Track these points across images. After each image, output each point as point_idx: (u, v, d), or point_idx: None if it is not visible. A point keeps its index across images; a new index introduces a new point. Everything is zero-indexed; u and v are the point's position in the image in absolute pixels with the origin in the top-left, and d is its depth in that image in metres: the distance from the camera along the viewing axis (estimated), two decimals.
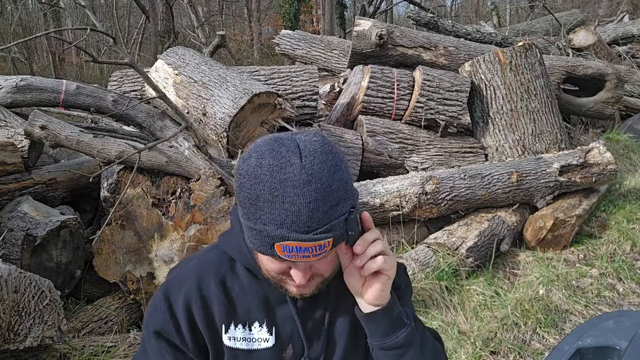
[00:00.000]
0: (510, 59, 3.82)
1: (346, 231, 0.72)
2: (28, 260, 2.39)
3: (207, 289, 0.83)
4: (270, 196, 0.68)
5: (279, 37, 5.52)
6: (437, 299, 2.47)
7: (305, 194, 0.67)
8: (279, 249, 0.69)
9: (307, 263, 0.74)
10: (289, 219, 0.68)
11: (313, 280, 0.78)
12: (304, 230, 0.68)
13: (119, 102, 3.28)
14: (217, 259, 0.86)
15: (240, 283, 0.84)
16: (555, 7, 10.39)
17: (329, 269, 0.79)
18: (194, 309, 0.81)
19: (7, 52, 10.01)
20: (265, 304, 0.83)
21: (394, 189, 3.02)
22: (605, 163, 3.29)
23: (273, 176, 0.68)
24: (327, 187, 0.69)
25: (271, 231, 0.69)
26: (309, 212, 0.68)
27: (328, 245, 0.70)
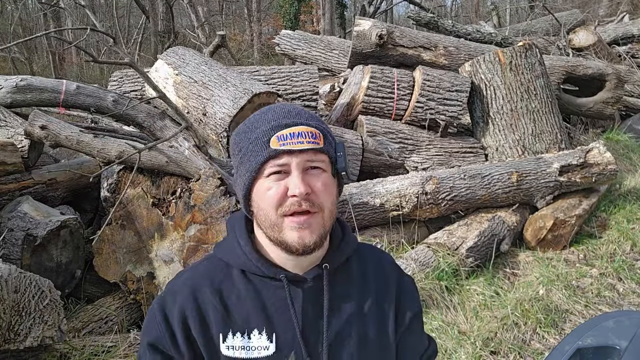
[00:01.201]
0: (511, 59, 3.82)
1: (335, 149, 0.81)
2: (28, 260, 2.39)
3: (203, 298, 0.82)
4: (262, 115, 0.81)
5: (279, 37, 5.52)
6: (437, 298, 2.47)
7: (291, 105, 0.82)
8: (275, 142, 0.76)
9: (303, 172, 0.77)
10: (281, 115, 0.79)
11: (315, 216, 0.77)
12: (296, 118, 0.79)
13: (119, 102, 3.28)
14: (211, 267, 0.86)
15: (237, 290, 0.82)
16: (555, 7, 10.38)
17: (327, 199, 0.79)
18: (189, 320, 0.80)
19: (7, 52, 10.01)
20: (264, 310, 0.81)
21: (394, 189, 3.02)
22: (605, 163, 3.29)
23: (262, 109, 0.81)
24: (312, 112, 0.82)
25: (266, 128, 0.78)
26: (297, 110, 0.81)
27: (319, 137, 0.78)
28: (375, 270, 0.90)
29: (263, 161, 0.77)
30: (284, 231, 0.77)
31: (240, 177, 0.81)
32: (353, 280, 0.87)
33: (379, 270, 0.90)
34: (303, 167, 0.77)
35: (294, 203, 0.76)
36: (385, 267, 0.92)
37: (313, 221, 0.77)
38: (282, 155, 0.76)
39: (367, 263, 0.90)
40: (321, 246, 0.81)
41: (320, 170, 0.79)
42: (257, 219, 0.81)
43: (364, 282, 0.87)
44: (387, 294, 0.88)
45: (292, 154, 0.76)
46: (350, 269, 0.88)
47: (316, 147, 0.77)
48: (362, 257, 0.90)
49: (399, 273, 0.93)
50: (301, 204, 0.76)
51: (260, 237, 0.83)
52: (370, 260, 0.91)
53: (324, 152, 0.79)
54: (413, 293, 0.93)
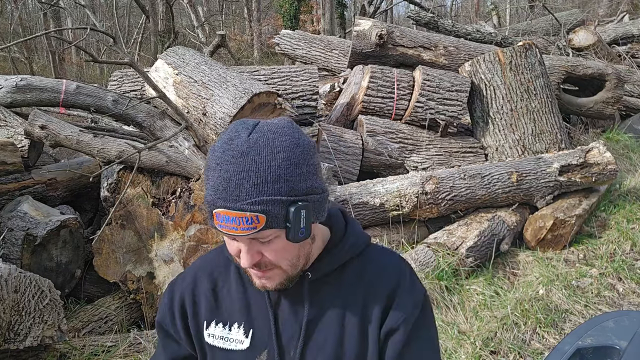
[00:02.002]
0: (510, 59, 3.82)
1: (285, 219, 0.69)
2: (28, 260, 2.39)
3: (200, 286, 0.87)
4: (214, 164, 0.70)
5: (279, 36, 5.52)
6: (437, 298, 2.47)
7: (239, 163, 0.68)
8: (215, 218, 0.70)
9: (255, 246, 0.71)
10: (221, 186, 0.68)
11: (271, 272, 0.75)
12: (233, 198, 0.68)
13: (119, 102, 3.28)
14: (215, 259, 0.90)
15: (229, 285, 0.86)
16: (555, 7, 10.38)
17: (283, 260, 0.74)
18: (186, 304, 0.86)
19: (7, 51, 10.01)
20: (248, 307, 0.84)
21: (394, 188, 3.02)
22: (605, 163, 3.29)
23: (221, 147, 0.70)
24: (265, 161, 0.68)
25: (209, 198, 0.70)
26: (238, 180, 0.68)
27: (257, 221, 0.68)
28: (370, 278, 0.82)
29: (213, 225, 0.72)
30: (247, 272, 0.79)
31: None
32: (342, 288, 0.81)
33: (374, 280, 0.82)
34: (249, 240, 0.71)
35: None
36: (384, 276, 0.82)
37: (272, 274, 0.76)
38: (220, 230, 0.72)
39: (365, 270, 0.82)
40: (291, 284, 0.78)
41: (270, 239, 0.72)
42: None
43: (354, 292, 0.81)
44: (375, 307, 0.79)
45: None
46: (343, 275, 0.82)
47: (250, 233, 0.68)
48: (363, 263, 0.83)
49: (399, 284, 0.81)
50: (253, 267, 0.74)
51: None
52: (371, 266, 0.83)
53: (266, 229, 0.69)
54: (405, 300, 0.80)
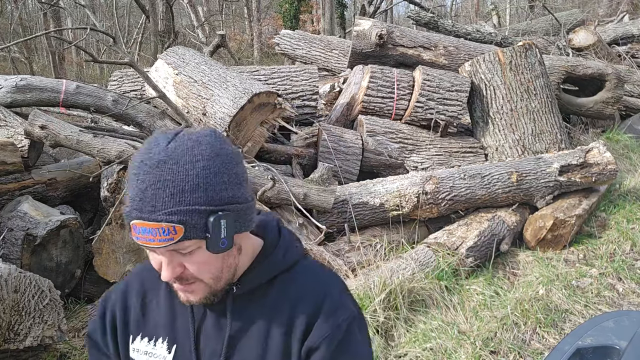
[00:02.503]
0: (510, 59, 3.82)
1: (204, 230, 0.67)
2: (28, 260, 2.39)
3: (130, 299, 0.85)
4: (132, 174, 0.68)
5: (279, 36, 5.52)
6: (437, 298, 2.47)
7: (156, 173, 0.66)
8: (132, 229, 0.68)
9: (176, 258, 0.69)
10: (137, 197, 0.67)
11: (194, 285, 0.73)
12: (148, 209, 0.66)
13: (119, 102, 3.28)
14: (148, 270, 0.83)
15: (158, 298, 0.84)
16: (555, 7, 10.38)
17: (205, 273, 0.71)
18: (117, 317, 0.84)
19: (7, 51, 10.01)
20: (173, 322, 0.82)
21: (394, 188, 3.02)
22: (605, 163, 3.29)
23: (140, 157, 0.68)
24: (183, 170, 0.66)
25: (126, 209, 0.68)
26: (155, 190, 0.66)
27: (174, 232, 0.65)
28: (296, 294, 0.78)
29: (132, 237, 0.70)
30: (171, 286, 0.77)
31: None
32: (267, 303, 0.78)
33: (300, 295, 0.78)
34: (169, 252, 0.69)
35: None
36: (310, 292, 0.78)
37: (194, 288, 0.73)
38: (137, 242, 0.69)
39: (291, 285, 0.79)
40: (219, 294, 0.76)
41: (192, 250, 0.69)
42: None
43: (279, 307, 0.78)
44: (299, 324, 0.76)
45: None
46: (269, 290, 0.79)
47: (169, 243, 0.66)
48: (290, 278, 0.80)
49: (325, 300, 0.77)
50: (175, 281, 0.72)
51: None
52: (298, 282, 0.80)
53: (184, 240, 0.67)
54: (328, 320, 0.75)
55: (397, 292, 2.35)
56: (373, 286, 2.35)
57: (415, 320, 2.34)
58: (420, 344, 2.18)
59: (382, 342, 2.18)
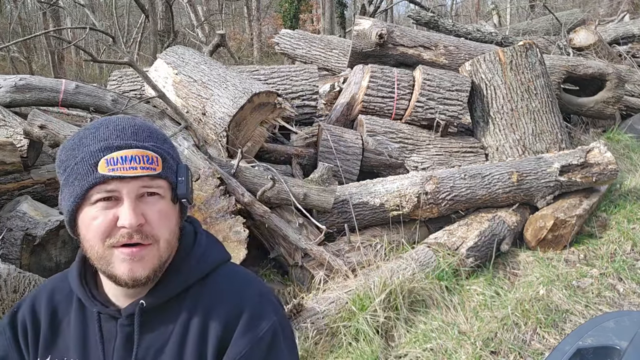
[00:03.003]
0: (511, 59, 3.81)
1: (176, 172, 0.73)
2: (27, 260, 2.39)
3: (39, 311, 0.80)
4: (93, 129, 0.71)
5: (278, 36, 5.52)
6: (437, 298, 2.47)
7: (130, 120, 0.73)
8: (103, 166, 0.67)
9: (139, 207, 0.69)
10: (114, 134, 0.69)
11: (147, 249, 0.70)
12: (132, 139, 0.69)
13: (118, 102, 3.27)
14: (56, 283, 0.82)
15: (69, 317, 0.79)
16: (555, 7, 10.38)
17: (164, 228, 0.71)
18: (28, 330, 0.79)
19: (6, 51, 10.00)
20: (84, 343, 0.77)
21: (394, 188, 3.01)
22: (605, 163, 3.29)
23: (96, 122, 0.73)
24: (149, 125, 0.74)
25: (94, 148, 0.68)
26: (134, 128, 0.71)
27: (156, 163, 0.69)
28: (209, 305, 0.75)
29: (89, 187, 0.68)
30: (113, 263, 0.70)
31: (64, 200, 0.72)
32: (179, 316, 0.75)
33: (214, 307, 0.75)
34: (136, 194, 0.69)
35: (124, 235, 0.68)
36: (225, 303, 0.75)
37: (146, 253, 0.70)
38: (111, 181, 0.68)
39: (203, 296, 0.76)
40: (155, 279, 0.73)
41: (158, 196, 0.71)
42: (83, 248, 0.73)
43: (191, 320, 0.74)
44: (211, 339, 0.73)
45: (123, 181, 0.68)
46: (181, 303, 0.76)
47: (151, 173, 0.69)
48: (203, 289, 0.76)
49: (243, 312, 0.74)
50: (132, 235, 0.68)
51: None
52: (213, 292, 0.76)
53: (162, 177, 0.70)
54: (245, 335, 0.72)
55: (398, 293, 2.35)
56: (373, 286, 2.34)
57: (416, 321, 2.34)
58: (420, 344, 2.17)
59: (382, 343, 2.17)
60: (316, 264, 2.61)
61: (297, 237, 2.61)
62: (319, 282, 2.49)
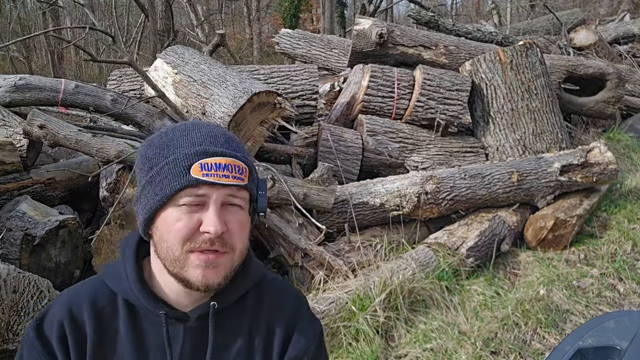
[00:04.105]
0: (511, 58, 3.80)
1: (257, 186, 0.75)
2: (27, 260, 2.39)
3: (81, 316, 0.74)
4: (185, 131, 0.72)
5: (278, 36, 5.51)
6: (437, 299, 2.46)
7: (219, 128, 0.75)
8: (197, 170, 0.68)
9: (223, 214, 0.70)
10: (208, 140, 0.71)
11: (224, 257, 0.71)
12: (224, 147, 0.71)
13: (118, 101, 3.27)
14: (96, 290, 0.77)
15: (118, 321, 0.75)
16: (556, 6, 10.37)
17: (240, 239, 0.72)
18: (68, 334, 0.73)
19: (5, 50, 9.99)
20: (143, 346, 0.74)
21: (394, 188, 3.01)
22: (606, 163, 3.28)
23: (185, 124, 0.74)
24: (239, 139, 0.76)
25: (189, 151, 0.69)
26: (225, 136, 0.73)
27: (245, 173, 0.72)
28: (270, 307, 0.81)
29: (180, 188, 0.68)
30: (188, 268, 0.70)
31: (146, 197, 0.71)
32: (245, 318, 0.79)
33: (274, 308, 0.81)
34: (222, 202, 0.70)
35: (206, 240, 0.69)
36: (284, 303, 0.82)
37: (222, 261, 0.71)
38: (202, 186, 0.69)
39: (264, 299, 0.82)
40: (227, 280, 0.74)
41: (239, 207, 0.72)
42: (157, 249, 0.73)
43: (256, 321, 0.80)
44: (277, 334, 0.79)
45: (214, 187, 0.69)
46: (245, 304, 0.80)
47: (240, 183, 0.70)
48: (261, 292, 0.82)
49: (299, 314, 0.82)
50: (214, 242, 0.69)
51: (156, 265, 0.76)
52: (269, 295, 0.82)
53: (247, 189, 0.72)
54: (304, 331, 0.80)
55: (398, 293, 2.35)
56: (373, 286, 2.34)
57: (416, 321, 2.34)
58: (420, 344, 2.17)
59: (382, 343, 2.17)
60: (316, 264, 2.61)
61: (297, 237, 2.61)
62: (319, 282, 2.49)
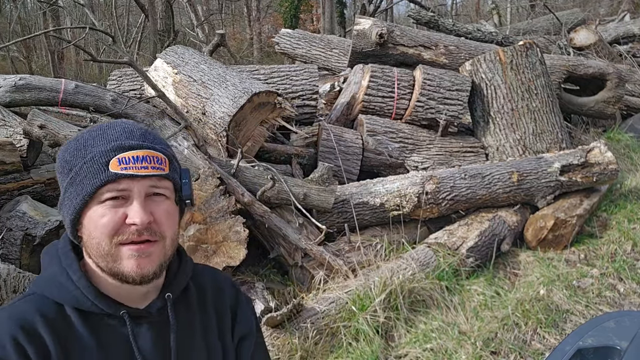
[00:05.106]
0: (511, 58, 3.80)
1: (180, 175, 0.77)
2: (27, 260, 2.39)
3: (38, 333, 0.69)
4: (100, 130, 0.74)
5: (278, 36, 5.51)
6: (437, 299, 2.46)
7: (134, 123, 0.78)
8: (115, 165, 0.70)
9: (148, 205, 0.71)
10: (123, 135, 0.73)
11: (154, 246, 0.72)
12: (142, 140, 0.73)
13: (118, 101, 3.27)
14: (37, 305, 0.72)
15: (73, 331, 0.72)
16: (556, 6, 10.38)
17: (169, 228, 0.74)
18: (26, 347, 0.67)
19: (6, 51, 10.00)
20: (107, 349, 0.72)
21: (395, 188, 3.01)
22: (606, 163, 3.28)
23: (100, 125, 0.76)
24: (156, 132, 0.80)
25: (105, 148, 0.71)
26: (141, 131, 0.75)
27: (165, 163, 0.74)
28: (213, 294, 0.87)
29: (100, 185, 0.69)
30: (120, 260, 0.71)
31: (69, 199, 0.72)
32: (193, 306, 0.83)
33: (216, 294, 0.87)
34: (145, 194, 0.72)
35: (133, 232, 0.70)
36: (223, 287, 0.89)
37: (153, 250, 0.72)
38: (123, 180, 0.70)
39: (204, 286, 0.87)
40: (160, 276, 0.76)
41: (164, 197, 0.74)
42: (87, 248, 0.73)
43: (204, 307, 0.84)
44: (225, 316, 0.86)
45: (134, 180, 0.70)
46: (189, 294, 0.83)
47: (161, 173, 0.72)
48: (198, 281, 0.86)
49: (234, 290, 0.90)
50: (142, 233, 0.70)
51: (91, 266, 0.75)
52: (207, 282, 0.88)
53: (168, 178, 0.74)
54: (248, 310, 0.90)
55: (398, 293, 2.35)
56: (373, 286, 2.34)
57: (416, 321, 2.33)
58: (420, 344, 2.17)
59: (382, 343, 2.17)
60: (316, 264, 2.61)
61: (297, 237, 2.61)
62: (319, 282, 2.49)
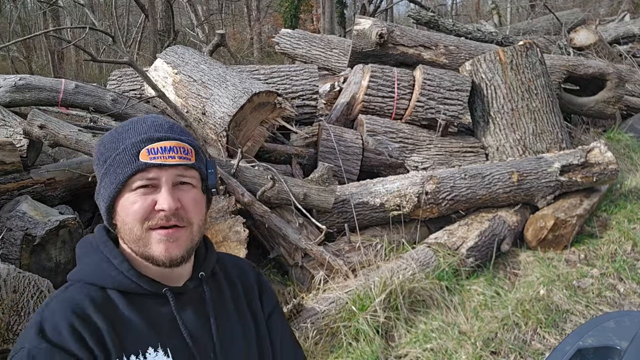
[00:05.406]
0: (511, 58, 3.80)
1: (206, 166, 0.82)
2: (27, 260, 2.38)
3: (90, 316, 0.74)
4: (131, 125, 0.80)
5: (278, 36, 5.51)
6: (437, 299, 2.46)
7: (163, 117, 0.83)
8: (145, 155, 0.75)
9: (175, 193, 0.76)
10: (152, 128, 0.78)
11: (182, 231, 0.77)
12: (169, 132, 0.79)
13: (118, 101, 3.27)
14: (83, 291, 0.77)
15: (120, 312, 0.76)
16: (556, 6, 10.38)
17: (196, 214, 0.79)
18: (82, 332, 0.72)
19: (6, 51, 10.00)
20: (154, 327, 0.77)
21: (395, 188, 3.01)
22: (606, 163, 3.28)
23: (131, 120, 0.82)
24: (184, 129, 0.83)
25: (135, 140, 0.76)
26: (169, 124, 0.81)
27: (191, 153, 0.79)
28: (237, 273, 0.94)
29: (131, 174, 0.75)
30: (150, 245, 0.76)
31: (104, 188, 0.78)
32: (223, 286, 0.89)
33: (240, 273, 0.95)
34: (173, 182, 0.77)
35: (162, 217, 0.75)
36: (245, 268, 0.96)
37: (181, 235, 0.77)
38: (152, 169, 0.75)
39: (228, 268, 0.93)
40: (188, 260, 0.81)
41: (190, 185, 0.79)
42: (121, 234, 0.79)
43: (233, 286, 0.91)
44: (252, 290, 0.94)
45: (162, 169, 0.76)
46: (218, 276, 0.90)
47: (187, 162, 0.78)
48: (222, 265, 0.93)
49: (256, 271, 0.98)
50: (170, 218, 0.76)
51: (127, 251, 0.80)
52: (230, 265, 0.95)
53: (195, 168, 0.79)
54: (270, 287, 0.99)
55: (398, 293, 2.35)
56: (373, 286, 2.34)
57: (416, 321, 2.33)
58: (420, 344, 2.17)
59: (382, 343, 2.17)
60: (316, 264, 2.61)
61: (297, 237, 2.61)
62: (319, 282, 2.49)
